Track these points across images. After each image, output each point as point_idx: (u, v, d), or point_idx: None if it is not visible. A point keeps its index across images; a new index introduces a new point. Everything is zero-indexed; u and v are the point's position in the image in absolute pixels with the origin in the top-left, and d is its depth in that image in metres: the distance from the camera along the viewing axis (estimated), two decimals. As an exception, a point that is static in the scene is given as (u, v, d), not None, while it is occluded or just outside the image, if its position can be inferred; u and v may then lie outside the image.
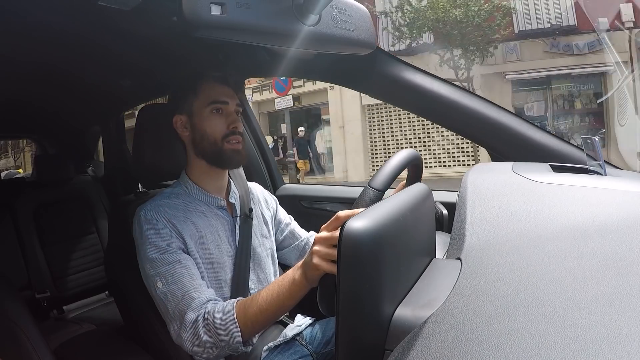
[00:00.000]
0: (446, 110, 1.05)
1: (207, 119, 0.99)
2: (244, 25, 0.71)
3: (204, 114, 0.99)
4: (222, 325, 0.82)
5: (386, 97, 1.18)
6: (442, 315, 0.41)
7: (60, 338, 1.32)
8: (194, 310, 0.85)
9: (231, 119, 0.99)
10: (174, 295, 0.87)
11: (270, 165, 1.74)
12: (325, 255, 0.68)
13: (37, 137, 2.89)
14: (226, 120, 0.99)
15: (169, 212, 0.95)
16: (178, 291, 0.87)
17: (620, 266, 0.40)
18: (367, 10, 0.96)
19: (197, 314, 0.85)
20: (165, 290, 0.88)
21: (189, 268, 0.90)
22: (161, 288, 0.88)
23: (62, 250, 2.04)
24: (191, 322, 0.85)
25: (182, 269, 0.89)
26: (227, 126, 0.99)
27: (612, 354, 0.29)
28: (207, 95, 0.99)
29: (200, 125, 0.99)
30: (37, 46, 1.05)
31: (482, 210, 0.59)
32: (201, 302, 0.86)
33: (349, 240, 0.44)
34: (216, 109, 0.99)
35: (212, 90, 1.00)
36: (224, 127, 0.99)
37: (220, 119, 0.99)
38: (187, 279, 0.88)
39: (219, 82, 1.01)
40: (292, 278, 0.77)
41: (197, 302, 0.86)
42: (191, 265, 0.91)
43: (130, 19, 0.82)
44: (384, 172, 0.71)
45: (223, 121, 0.99)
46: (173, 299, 0.87)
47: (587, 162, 0.78)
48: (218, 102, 0.99)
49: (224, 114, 1.00)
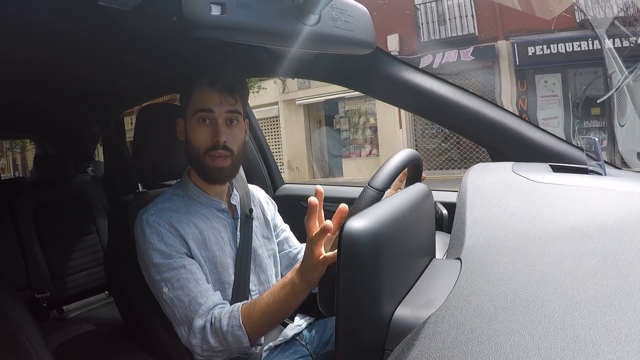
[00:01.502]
0: (446, 110, 1.05)
1: (193, 128, 0.94)
2: (244, 25, 0.71)
3: (192, 123, 0.94)
4: (230, 331, 0.82)
5: (386, 97, 1.18)
6: (442, 316, 0.41)
7: (60, 338, 1.32)
8: (201, 316, 0.85)
9: (216, 130, 0.92)
10: (180, 300, 0.87)
11: (270, 166, 1.74)
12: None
13: (37, 137, 2.90)
14: (212, 132, 0.92)
15: (171, 216, 0.94)
16: (184, 297, 0.87)
17: (620, 266, 0.40)
18: (367, 10, 0.96)
19: (204, 320, 0.85)
20: (172, 295, 0.88)
21: (194, 273, 0.90)
22: (167, 293, 0.88)
23: (62, 250, 2.04)
24: (199, 328, 0.85)
25: (188, 274, 0.89)
26: (211, 139, 0.92)
27: (612, 354, 0.29)
28: (194, 102, 0.94)
29: (188, 134, 0.96)
30: (37, 46, 1.05)
31: (482, 210, 0.59)
32: (208, 308, 0.86)
33: (348, 241, 0.44)
34: (201, 118, 0.93)
35: (199, 96, 0.94)
36: (207, 140, 0.92)
37: (204, 130, 0.93)
38: (193, 284, 0.88)
39: (208, 86, 0.93)
40: (292, 282, 0.77)
41: (204, 309, 0.86)
42: (196, 270, 0.91)
43: (131, 19, 0.82)
44: (384, 171, 0.71)
45: (208, 132, 0.93)
46: (180, 305, 0.87)
47: (587, 162, 0.78)
48: (203, 110, 0.93)
49: (210, 124, 0.93)
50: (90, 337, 1.40)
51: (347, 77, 1.19)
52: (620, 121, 6.00)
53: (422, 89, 1.05)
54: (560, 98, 8.16)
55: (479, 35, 8.30)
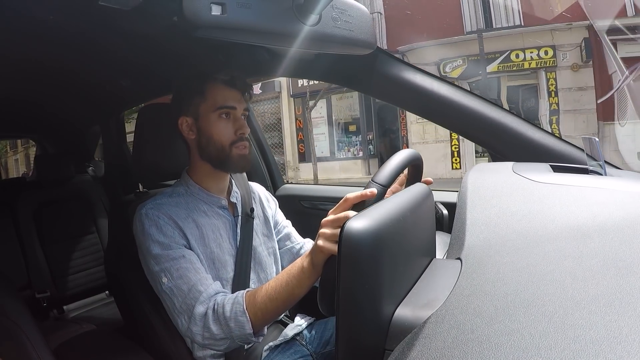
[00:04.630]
0: (446, 110, 1.05)
1: (215, 123, 0.97)
2: (244, 25, 0.71)
3: (211, 118, 0.97)
4: (233, 316, 0.82)
5: (386, 97, 1.18)
6: (442, 316, 0.41)
7: (60, 338, 1.32)
8: (202, 303, 0.85)
9: (239, 124, 0.98)
10: (180, 289, 0.87)
11: (270, 165, 1.74)
12: (331, 237, 0.68)
13: (37, 136, 2.89)
14: (234, 126, 0.98)
15: (171, 210, 0.95)
16: (184, 285, 0.87)
17: (621, 266, 0.40)
18: (367, 10, 0.96)
19: (206, 306, 0.85)
20: (171, 285, 0.88)
21: (194, 262, 0.90)
22: (167, 283, 0.88)
23: (62, 250, 2.04)
24: (200, 315, 0.85)
25: (187, 263, 0.89)
26: (234, 132, 0.97)
27: (612, 354, 0.29)
28: (214, 98, 0.97)
29: (207, 129, 0.98)
30: (38, 45, 1.05)
31: (482, 210, 0.59)
32: (209, 295, 0.86)
33: (349, 241, 0.44)
34: (225, 113, 0.97)
35: (220, 93, 0.97)
36: (231, 133, 0.97)
37: (227, 124, 0.97)
38: (193, 272, 0.88)
39: (228, 85, 0.98)
40: (301, 265, 0.77)
41: (205, 295, 0.86)
42: (195, 260, 0.91)
43: (131, 19, 0.81)
44: (387, 168, 0.71)
45: (230, 126, 0.98)
46: (180, 294, 0.87)
47: (587, 162, 0.78)
48: (226, 107, 0.97)
49: (232, 119, 0.98)
50: (90, 337, 1.40)
51: (347, 77, 1.19)
52: (621, 121, 6.00)
53: (422, 89, 1.05)
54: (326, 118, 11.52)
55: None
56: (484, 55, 8.86)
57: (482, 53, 8.79)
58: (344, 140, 11.58)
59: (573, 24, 8.48)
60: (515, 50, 9.13)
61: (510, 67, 9.30)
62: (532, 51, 9.02)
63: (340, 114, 11.61)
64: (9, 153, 18.00)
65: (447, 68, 9.47)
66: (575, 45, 8.68)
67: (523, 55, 9.12)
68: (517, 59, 9.20)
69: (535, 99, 9.22)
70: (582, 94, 8.66)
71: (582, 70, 8.69)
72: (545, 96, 8.98)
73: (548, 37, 8.86)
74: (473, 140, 1.11)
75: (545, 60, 9.00)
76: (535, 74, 9.18)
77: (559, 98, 8.91)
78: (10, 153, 18.12)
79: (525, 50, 9.09)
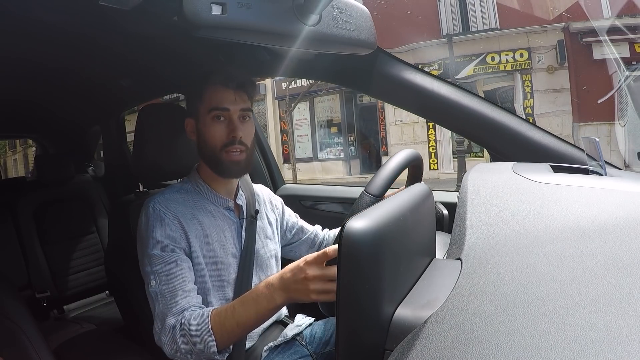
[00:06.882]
0: (446, 110, 1.05)
1: (208, 125, 0.96)
2: (245, 25, 0.71)
3: (206, 120, 0.96)
4: (198, 335, 0.82)
5: (386, 97, 1.19)
6: (442, 316, 0.41)
7: (60, 338, 1.33)
8: (174, 315, 0.86)
9: (232, 126, 0.95)
10: (163, 296, 0.87)
11: (270, 165, 1.74)
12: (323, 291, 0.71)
13: (37, 136, 2.89)
14: (227, 128, 0.95)
15: (177, 208, 0.95)
16: (168, 293, 0.87)
17: (621, 266, 0.40)
18: (367, 10, 0.96)
19: (175, 319, 0.85)
20: (157, 290, 0.88)
21: (184, 270, 0.90)
22: (154, 287, 0.89)
23: (63, 250, 2.04)
24: (170, 327, 0.85)
25: (177, 270, 0.89)
26: (227, 135, 0.95)
27: (612, 355, 0.29)
28: (209, 100, 0.96)
29: (203, 131, 0.97)
30: (38, 45, 1.05)
31: (483, 210, 0.59)
32: (182, 309, 0.86)
33: (349, 241, 0.44)
34: (216, 115, 0.95)
35: (214, 95, 0.96)
36: (223, 136, 0.95)
37: (220, 127, 0.95)
38: (180, 281, 0.88)
39: (222, 85, 0.96)
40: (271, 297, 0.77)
41: (177, 308, 0.86)
42: (187, 268, 0.91)
43: (131, 19, 0.81)
44: (380, 176, 0.71)
45: (223, 129, 0.95)
46: (162, 300, 0.87)
47: (588, 163, 0.78)
48: (218, 109, 0.95)
49: (225, 121, 0.96)
50: (90, 336, 1.40)
51: (347, 77, 1.19)
52: (621, 121, 6.01)
53: (422, 89, 1.05)
54: (308, 120, 11.95)
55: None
56: (454, 59, 8.98)
57: (451, 57, 8.92)
58: (326, 142, 12.04)
59: (548, 26, 8.62)
60: (491, 53, 9.27)
61: (486, 69, 9.44)
62: (508, 54, 9.18)
63: (322, 115, 12.03)
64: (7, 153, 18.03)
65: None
66: (551, 48, 8.81)
67: (499, 57, 9.27)
68: (492, 62, 9.35)
69: (511, 103, 9.32)
70: (557, 95, 8.78)
71: (558, 72, 8.81)
72: (520, 100, 9.09)
73: (524, 39, 8.99)
74: (473, 140, 1.11)
75: (520, 63, 9.13)
76: (511, 76, 9.30)
77: (535, 100, 9.02)
78: (9, 153, 18.15)
79: (501, 52, 9.23)
